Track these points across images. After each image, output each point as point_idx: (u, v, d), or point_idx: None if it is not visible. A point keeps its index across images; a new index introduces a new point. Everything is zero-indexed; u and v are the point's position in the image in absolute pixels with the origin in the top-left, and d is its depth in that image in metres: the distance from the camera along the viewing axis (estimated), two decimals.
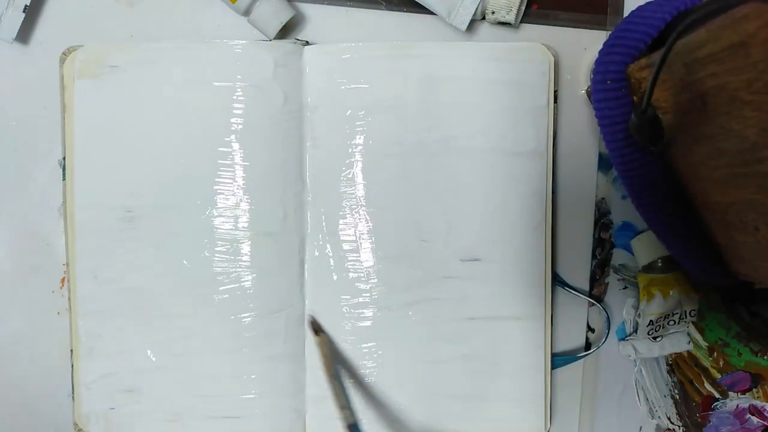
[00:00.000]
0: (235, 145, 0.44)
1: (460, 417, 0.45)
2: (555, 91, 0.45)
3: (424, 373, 0.45)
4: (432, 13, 0.45)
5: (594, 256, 0.47)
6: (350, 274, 0.45)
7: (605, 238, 0.47)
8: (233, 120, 0.44)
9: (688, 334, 0.46)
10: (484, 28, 0.46)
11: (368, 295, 0.45)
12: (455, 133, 0.45)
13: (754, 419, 0.48)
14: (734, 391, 0.47)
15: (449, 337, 0.45)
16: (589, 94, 0.44)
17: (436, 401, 0.45)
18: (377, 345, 0.45)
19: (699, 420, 0.48)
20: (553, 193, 0.45)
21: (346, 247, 0.45)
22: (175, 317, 0.45)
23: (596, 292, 0.47)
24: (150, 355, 0.45)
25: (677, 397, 0.48)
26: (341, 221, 0.45)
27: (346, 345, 0.45)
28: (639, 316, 0.46)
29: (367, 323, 0.45)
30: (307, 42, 0.45)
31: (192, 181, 0.45)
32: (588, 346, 0.47)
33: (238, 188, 0.44)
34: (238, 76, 0.44)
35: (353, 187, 0.45)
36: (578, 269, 0.47)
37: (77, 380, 0.45)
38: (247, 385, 0.45)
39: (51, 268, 0.47)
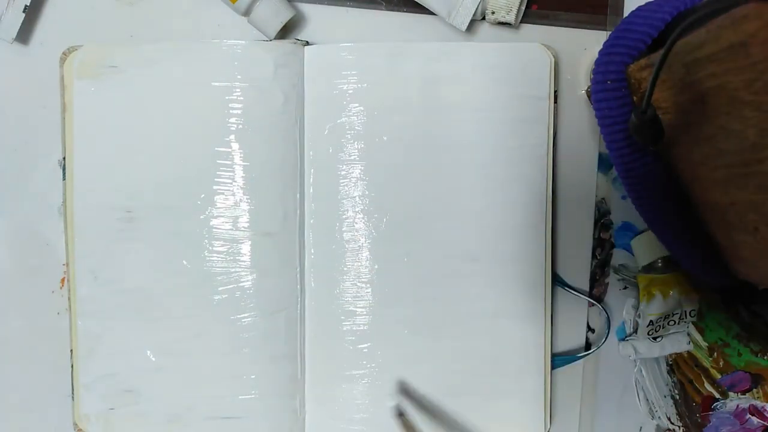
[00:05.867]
0: (235, 145, 0.44)
1: (460, 417, 0.45)
2: (555, 92, 0.45)
3: (424, 373, 0.45)
4: (432, 13, 0.45)
5: (594, 256, 0.47)
6: (350, 274, 0.45)
7: (605, 238, 0.47)
8: (233, 120, 0.44)
9: (688, 334, 0.46)
10: (484, 28, 0.46)
11: (368, 294, 0.45)
12: (455, 133, 0.45)
13: (754, 419, 0.48)
14: (734, 392, 0.47)
15: (449, 337, 0.45)
16: (589, 94, 0.44)
17: (436, 401, 0.45)
18: (377, 345, 0.45)
19: (699, 420, 0.48)
20: (553, 193, 0.45)
21: (346, 246, 0.45)
22: (174, 317, 0.45)
23: (596, 292, 0.47)
24: (150, 355, 0.45)
25: (677, 397, 0.48)
26: (341, 221, 0.45)
27: (345, 345, 0.45)
28: (639, 316, 0.46)
29: (367, 323, 0.45)
30: (307, 42, 0.45)
31: (192, 181, 0.45)
32: (588, 346, 0.47)
33: (237, 188, 0.44)
34: (238, 76, 0.44)
35: (353, 187, 0.45)
36: (578, 269, 0.47)
37: (77, 380, 0.45)
38: (247, 385, 0.45)
39: (51, 268, 0.47)
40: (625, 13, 0.44)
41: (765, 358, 0.45)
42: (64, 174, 0.45)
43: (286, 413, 0.45)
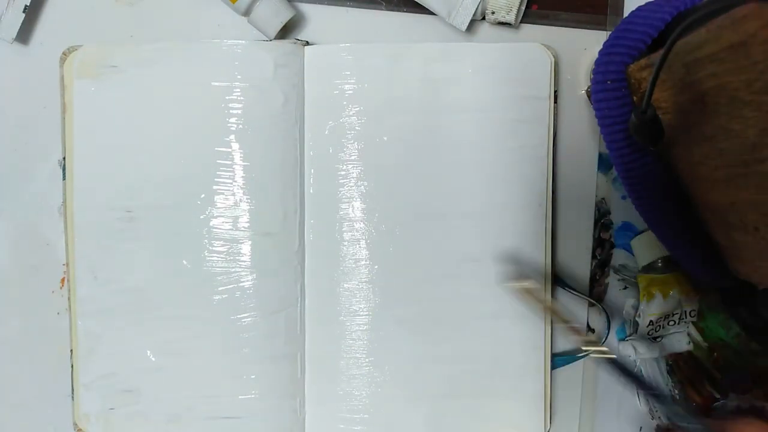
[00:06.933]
0: (235, 145, 0.44)
1: (460, 417, 0.45)
2: (555, 92, 0.45)
3: (424, 372, 0.45)
4: (432, 13, 0.45)
5: (594, 256, 0.47)
6: (350, 274, 0.45)
7: (605, 238, 0.47)
8: (233, 120, 0.44)
9: (688, 334, 0.46)
10: (484, 28, 0.46)
11: (368, 294, 0.45)
12: (455, 133, 0.45)
13: None
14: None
15: (449, 336, 0.45)
16: (589, 94, 0.44)
17: (436, 401, 0.45)
18: (377, 344, 0.45)
19: None
20: (553, 193, 0.45)
21: (346, 246, 0.45)
22: (174, 317, 0.45)
23: (596, 292, 0.47)
24: (150, 355, 0.45)
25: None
26: (341, 221, 0.45)
27: (345, 345, 0.45)
28: (639, 316, 0.46)
29: (367, 323, 0.45)
30: (307, 42, 0.45)
31: (192, 182, 0.45)
32: None
33: (237, 188, 0.44)
34: (238, 76, 0.44)
35: (353, 187, 0.45)
36: (578, 269, 0.47)
37: (77, 380, 0.45)
38: (247, 385, 0.45)
39: (51, 268, 0.47)
40: (625, 13, 0.44)
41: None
42: (64, 174, 0.45)
43: (286, 413, 0.45)
